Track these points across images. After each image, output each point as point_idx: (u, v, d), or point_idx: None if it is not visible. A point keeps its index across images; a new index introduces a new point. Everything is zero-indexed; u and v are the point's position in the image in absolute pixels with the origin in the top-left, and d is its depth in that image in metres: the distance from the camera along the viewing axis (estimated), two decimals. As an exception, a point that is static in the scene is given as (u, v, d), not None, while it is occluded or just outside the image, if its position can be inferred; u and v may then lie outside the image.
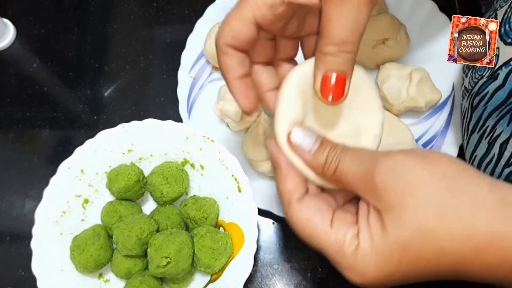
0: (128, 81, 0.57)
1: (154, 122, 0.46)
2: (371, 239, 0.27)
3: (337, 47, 0.29)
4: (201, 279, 0.45)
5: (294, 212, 0.30)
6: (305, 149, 0.30)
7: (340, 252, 0.28)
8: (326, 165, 0.29)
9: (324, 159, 0.29)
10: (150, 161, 0.48)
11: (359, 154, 0.29)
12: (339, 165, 0.29)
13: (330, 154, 0.29)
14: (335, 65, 0.29)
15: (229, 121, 0.51)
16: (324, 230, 0.28)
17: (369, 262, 0.27)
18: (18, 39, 0.60)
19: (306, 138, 0.30)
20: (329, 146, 0.30)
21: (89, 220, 0.46)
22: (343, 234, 0.28)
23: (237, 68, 0.32)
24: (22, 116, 0.56)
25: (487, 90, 0.39)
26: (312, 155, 0.30)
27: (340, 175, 0.29)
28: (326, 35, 0.29)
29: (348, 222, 0.29)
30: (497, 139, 0.37)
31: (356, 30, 0.29)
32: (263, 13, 0.30)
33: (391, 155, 0.27)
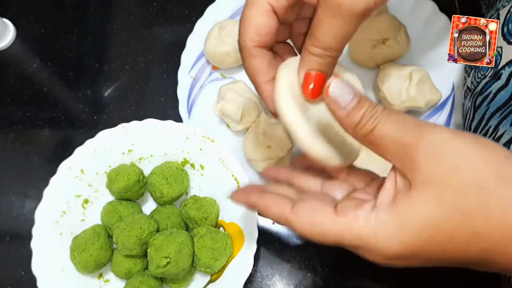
0: (128, 81, 0.57)
1: (154, 122, 0.46)
2: (395, 215, 0.25)
3: (322, 50, 0.31)
4: (201, 279, 0.45)
5: (294, 224, 0.29)
6: (341, 105, 0.28)
7: (357, 235, 0.26)
8: (360, 125, 0.28)
9: (359, 117, 0.28)
10: (150, 161, 0.48)
11: (403, 120, 0.27)
12: (378, 126, 0.27)
13: (366, 113, 0.27)
14: (318, 65, 0.31)
15: (229, 121, 0.51)
16: (332, 222, 0.27)
17: (392, 239, 0.25)
18: (18, 39, 0.60)
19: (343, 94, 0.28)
20: (367, 105, 0.28)
21: (89, 220, 0.46)
22: (353, 217, 0.27)
23: (267, 70, 0.32)
24: (22, 116, 0.56)
25: (490, 90, 0.39)
26: (347, 112, 0.28)
27: (377, 138, 0.27)
28: (315, 38, 0.30)
29: (354, 206, 0.27)
30: (500, 139, 0.37)
31: (341, 41, 0.30)
32: (280, 1, 0.31)
33: (439, 130, 0.26)
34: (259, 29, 0.31)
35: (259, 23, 0.31)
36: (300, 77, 0.32)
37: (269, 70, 0.33)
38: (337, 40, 0.30)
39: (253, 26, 0.31)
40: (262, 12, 0.31)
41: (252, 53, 0.32)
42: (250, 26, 0.31)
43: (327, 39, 0.30)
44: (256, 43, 0.32)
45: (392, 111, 0.28)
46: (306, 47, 0.31)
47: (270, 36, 0.32)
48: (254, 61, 0.32)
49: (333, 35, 0.30)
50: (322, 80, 0.31)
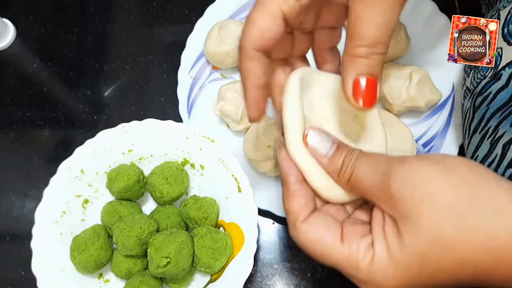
0: (128, 81, 0.57)
1: (154, 122, 0.46)
2: (388, 249, 0.26)
3: (369, 48, 0.28)
4: (201, 279, 0.45)
5: (300, 234, 0.29)
6: (322, 153, 0.29)
7: (355, 267, 0.27)
8: (342, 171, 0.29)
9: (340, 164, 0.29)
10: (150, 161, 0.48)
11: (374, 160, 0.28)
12: (354, 171, 0.28)
13: (346, 159, 0.28)
14: (367, 67, 0.28)
15: (229, 121, 0.51)
16: (336, 248, 0.28)
17: (387, 274, 0.26)
18: (18, 39, 0.60)
19: (322, 142, 0.30)
20: (346, 151, 0.29)
21: (89, 220, 0.46)
22: (356, 248, 0.27)
23: (260, 76, 0.31)
24: (22, 116, 0.56)
25: (490, 91, 0.39)
26: (328, 159, 0.29)
27: (355, 182, 0.28)
28: (357, 36, 0.28)
29: (359, 234, 0.28)
30: (499, 139, 0.37)
31: (388, 31, 0.28)
32: (291, 5, 0.29)
33: (406, 161, 0.26)
34: (262, 32, 0.30)
35: (264, 27, 0.29)
36: (348, 87, 0.28)
37: (262, 77, 0.31)
38: (383, 30, 0.27)
39: (258, 29, 0.30)
40: (270, 16, 0.29)
41: (250, 56, 0.30)
42: (255, 28, 0.30)
43: (373, 34, 0.27)
44: (256, 47, 0.30)
45: (364, 154, 0.28)
46: (348, 51, 0.28)
47: (273, 42, 0.30)
48: (250, 64, 0.31)
49: (378, 27, 0.27)
50: (374, 85, 0.28)
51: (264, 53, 0.31)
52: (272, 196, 0.49)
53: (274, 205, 0.48)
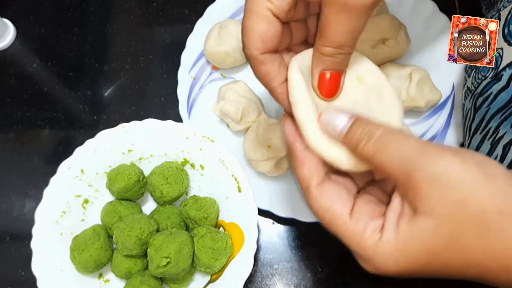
0: (128, 81, 0.57)
1: (154, 122, 0.46)
2: (397, 238, 0.26)
3: (335, 49, 0.30)
4: (201, 279, 0.45)
5: (313, 200, 0.29)
6: (336, 129, 0.29)
7: (358, 244, 0.27)
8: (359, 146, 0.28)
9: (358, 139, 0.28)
10: (150, 161, 0.48)
11: (404, 147, 0.26)
12: (378, 153, 0.27)
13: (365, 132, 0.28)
14: (331, 64, 0.31)
15: (229, 121, 0.51)
16: (343, 220, 0.28)
17: (390, 259, 0.26)
18: (18, 39, 0.60)
19: (335, 119, 0.29)
20: (364, 125, 0.28)
21: (89, 220, 0.46)
22: (363, 227, 0.27)
23: (279, 73, 0.32)
24: (22, 116, 0.56)
25: (490, 91, 0.39)
26: (345, 134, 0.29)
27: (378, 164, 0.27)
28: (325, 37, 0.30)
29: (369, 214, 0.28)
30: (500, 140, 0.37)
31: (353, 36, 0.30)
32: (278, 5, 0.30)
33: (443, 156, 0.25)
34: (262, 36, 0.30)
35: (261, 30, 0.30)
36: (314, 78, 0.31)
37: (280, 73, 0.32)
38: (349, 36, 0.29)
39: (256, 34, 0.30)
40: (262, 19, 0.30)
41: (260, 61, 0.31)
42: (253, 34, 0.30)
43: (338, 37, 0.29)
44: (262, 50, 0.31)
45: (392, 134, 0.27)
46: (317, 48, 0.31)
47: (275, 41, 0.31)
48: (265, 68, 0.31)
49: (344, 32, 0.29)
50: (338, 79, 0.31)
51: (272, 52, 0.31)
52: (272, 196, 0.49)
53: (274, 205, 0.48)
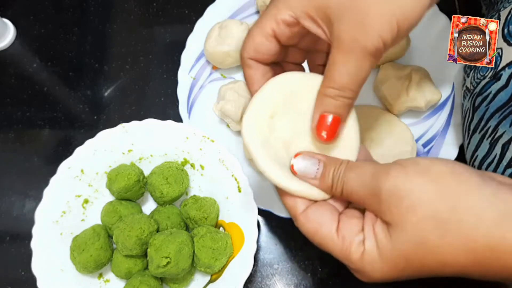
0: (128, 81, 0.57)
1: (154, 122, 0.46)
2: (378, 247, 0.29)
3: (338, 91, 0.31)
4: (201, 279, 0.45)
5: (301, 225, 0.32)
6: (311, 176, 0.32)
7: (347, 258, 0.30)
8: (333, 187, 0.31)
9: (331, 181, 0.31)
10: (150, 161, 0.48)
11: (361, 173, 0.30)
12: (344, 186, 0.31)
13: (335, 175, 0.31)
14: (333, 107, 0.31)
15: (229, 121, 0.51)
16: (331, 240, 0.30)
17: (375, 267, 0.29)
18: (18, 39, 0.60)
19: (308, 165, 0.32)
20: (333, 166, 0.31)
21: (89, 220, 0.46)
22: (349, 243, 0.30)
23: (260, 80, 0.34)
24: (22, 116, 0.56)
25: (489, 91, 0.39)
26: (319, 179, 0.32)
27: (348, 195, 0.31)
28: (329, 78, 0.31)
29: (353, 230, 0.30)
30: (499, 139, 0.37)
31: (357, 80, 0.31)
32: (281, 29, 0.33)
33: (391, 174, 0.28)
34: (257, 46, 0.34)
35: (258, 42, 0.33)
36: (314, 119, 0.32)
37: (261, 80, 0.34)
38: (353, 78, 0.30)
39: (253, 42, 0.33)
40: (263, 34, 0.33)
41: (248, 64, 0.34)
42: (251, 41, 0.34)
43: (342, 80, 0.31)
44: (252, 57, 0.34)
45: (351, 167, 0.31)
46: (321, 90, 0.32)
47: (267, 56, 0.34)
48: (249, 71, 0.35)
49: (348, 74, 0.30)
50: (337, 124, 0.32)
51: (262, 63, 0.34)
52: (272, 196, 0.49)
53: (274, 205, 0.48)
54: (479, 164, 0.40)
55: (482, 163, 0.40)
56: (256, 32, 0.33)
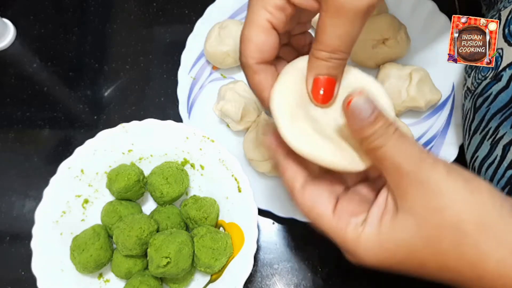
0: (128, 81, 0.57)
1: (154, 122, 0.46)
2: (379, 234, 0.28)
3: (329, 53, 0.30)
4: (201, 279, 0.45)
5: (297, 200, 0.31)
6: (363, 116, 0.28)
7: (342, 237, 0.29)
8: (369, 139, 0.28)
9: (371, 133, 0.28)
10: (150, 161, 0.48)
11: (409, 150, 0.28)
12: (384, 148, 0.28)
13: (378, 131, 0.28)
14: (326, 69, 0.31)
15: (229, 121, 0.51)
16: (326, 217, 0.30)
17: (370, 252, 0.28)
18: (18, 39, 0.60)
19: (363, 110, 0.29)
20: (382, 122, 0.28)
21: (89, 220, 0.46)
22: (345, 224, 0.29)
23: (271, 85, 0.32)
24: (22, 116, 0.56)
25: (490, 91, 0.39)
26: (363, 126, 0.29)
27: (381, 157, 0.28)
28: (320, 41, 0.30)
29: (351, 212, 0.30)
30: (500, 140, 0.37)
31: (348, 40, 0.30)
32: (277, 17, 0.31)
33: (436, 169, 0.27)
34: (260, 47, 0.31)
35: (260, 41, 0.31)
36: (309, 83, 0.31)
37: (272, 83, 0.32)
38: (343, 40, 0.30)
39: (254, 44, 0.31)
40: (262, 30, 0.31)
41: (255, 70, 0.32)
42: (251, 44, 0.31)
43: (333, 41, 0.30)
44: (258, 60, 0.32)
45: (403, 136, 0.29)
46: (312, 53, 0.31)
47: (272, 52, 0.32)
48: (258, 77, 0.32)
49: (338, 35, 0.29)
50: (332, 85, 0.31)
51: (267, 63, 0.32)
52: (272, 196, 0.49)
53: (274, 205, 0.48)
54: (479, 165, 0.40)
55: (482, 164, 0.40)
56: (253, 32, 0.31)
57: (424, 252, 0.27)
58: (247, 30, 0.31)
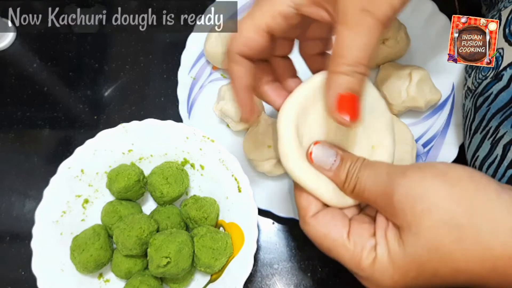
0: (128, 81, 0.57)
1: (154, 122, 0.46)
2: (389, 254, 0.28)
3: (351, 67, 0.29)
4: (201, 279, 0.45)
5: (310, 228, 0.31)
6: (327, 167, 0.31)
7: (358, 265, 0.29)
8: (346, 182, 0.30)
9: (345, 176, 0.30)
10: (150, 161, 0.48)
11: (376, 171, 0.29)
12: (358, 182, 0.30)
13: (350, 170, 0.30)
14: (351, 84, 0.29)
15: (229, 121, 0.51)
16: (342, 245, 0.29)
17: (386, 275, 0.28)
18: (18, 39, 0.60)
19: (325, 156, 0.31)
20: (349, 162, 0.30)
21: (89, 220, 0.46)
22: (361, 249, 0.29)
23: (245, 77, 0.33)
24: (22, 116, 0.56)
25: (491, 91, 0.39)
26: (334, 171, 0.31)
27: (359, 192, 0.30)
28: (340, 55, 0.29)
29: (365, 235, 0.29)
30: (500, 140, 0.37)
31: (369, 53, 0.29)
32: (278, 23, 0.31)
33: (408, 174, 0.27)
34: (247, 42, 0.32)
35: (248, 37, 0.31)
36: (331, 101, 0.29)
37: (246, 77, 0.33)
38: (364, 53, 0.29)
39: (243, 37, 0.32)
40: (255, 29, 0.31)
41: (234, 59, 0.32)
42: (240, 36, 0.32)
43: (353, 53, 0.29)
44: (240, 52, 0.32)
45: (367, 164, 0.30)
46: (332, 70, 0.30)
47: (256, 52, 0.32)
48: (235, 67, 0.33)
49: (359, 48, 0.29)
50: (356, 102, 0.29)
51: (248, 58, 0.32)
52: (272, 196, 0.49)
53: (274, 205, 0.48)
54: (480, 165, 0.40)
55: (483, 164, 0.39)
56: (247, 26, 0.31)
57: (431, 260, 0.26)
58: (244, 21, 0.32)
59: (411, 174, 0.27)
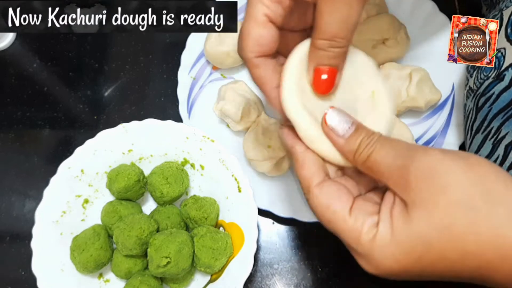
0: (128, 81, 0.57)
1: (154, 122, 0.46)
2: (392, 230, 0.27)
3: (328, 41, 0.30)
4: (201, 279, 0.45)
5: (313, 198, 0.30)
6: (339, 133, 0.30)
7: (357, 240, 0.28)
8: (358, 152, 0.29)
9: (357, 145, 0.29)
10: (150, 161, 0.48)
11: (396, 146, 0.28)
12: (373, 154, 0.29)
13: (364, 141, 0.29)
14: (326, 59, 0.30)
15: (229, 121, 0.51)
16: (342, 216, 0.29)
17: (386, 252, 0.27)
18: (18, 39, 0.60)
19: (341, 122, 0.30)
20: (364, 133, 0.30)
21: (89, 220, 0.46)
22: (361, 223, 0.28)
23: (272, 77, 0.32)
24: (22, 116, 0.56)
25: (493, 91, 0.39)
26: (346, 139, 0.30)
27: (372, 164, 0.29)
28: (318, 30, 0.30)
29: (367, 211, 0.29)
30: (502, 140, 0.37)
31: (347, 26, 0.29)
32: (274, 10, 0.31)
33: (429, 152, 0.27)
34: (258, 40, 0.31)
35: (258, 34, 0.31)
36: (310, 73, 0.31)
37: (273, 77, 0.32)
38: (342, 26, 0.29)
39: (252, 38, 0.31)
40: (259, 24, 0.31)
41: (254, 64, 0.32)
42: (250, 38, 0.31)
43: (330, 29, 0.29)
44: (257, 54, 0.32)
45: (386, 138, 0.29)
46: (311, 43, 0.31)
47: (270, 45, 0.32)
48: (259, 71, 0.32)
49: (336, 22, 0.29)
50: (333, 75, 0.31)
51: (267, 56, 0.32)
52: (272, 196, 0.49)
53: (274, 205, 0.48)
54: None
55: None
56: (250, 27, 0.31)
57: (440, 241, 0.25)
58: (245, 24, 0.32)
59: (433, 152, 0.27)
